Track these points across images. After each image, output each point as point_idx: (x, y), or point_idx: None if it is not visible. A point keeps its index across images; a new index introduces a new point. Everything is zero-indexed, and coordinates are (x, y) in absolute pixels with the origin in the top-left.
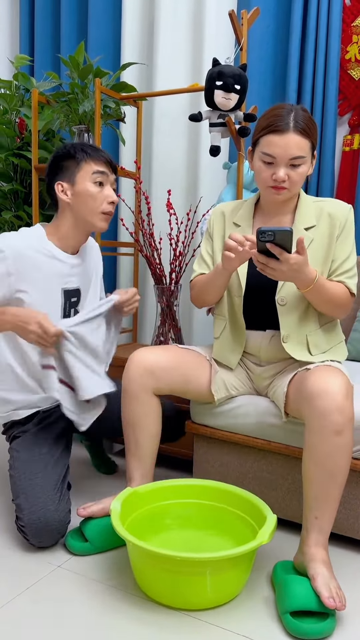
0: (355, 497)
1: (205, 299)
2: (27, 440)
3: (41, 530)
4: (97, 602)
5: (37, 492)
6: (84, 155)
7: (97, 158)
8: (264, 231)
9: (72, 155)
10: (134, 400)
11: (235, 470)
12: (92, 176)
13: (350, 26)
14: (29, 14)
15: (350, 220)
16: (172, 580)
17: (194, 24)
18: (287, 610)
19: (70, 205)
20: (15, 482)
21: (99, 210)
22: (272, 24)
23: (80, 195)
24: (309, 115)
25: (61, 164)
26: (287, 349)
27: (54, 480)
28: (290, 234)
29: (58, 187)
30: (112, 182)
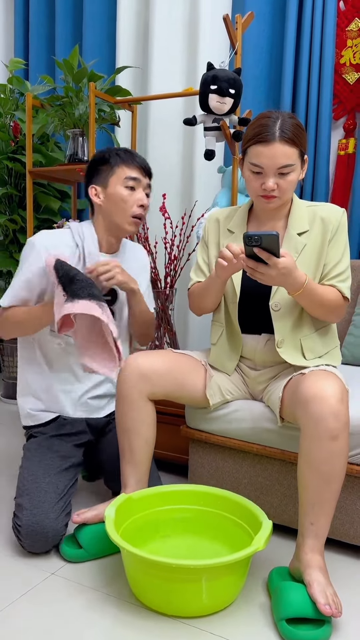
0: (352, 503)
1: (203, 306)
2: (42, 441)
3: (37, 535)
4: (91, 610)
5: (41, 497)
6: (118, 159)
7: (130, 163)
8: (251, 236)
9: (107, 160)
10: (129, 406)
11: (230, 476)
12: (124, 181)
13: (345, 31)
14: (24, 18)
15: (343, 224)
16: (166, 587)
17: (189, 28)
18: (282, 617)
19: (102, 207)
20: (22, 481)
21: (128, 214)
22: (267, 28)
23: (111, 198)
24: (297, 122)
25: (97, 169)
26: (282, 354)
27: (60, 490)
28: (276, 238)
29: (92, 191)
30: (144, 186)
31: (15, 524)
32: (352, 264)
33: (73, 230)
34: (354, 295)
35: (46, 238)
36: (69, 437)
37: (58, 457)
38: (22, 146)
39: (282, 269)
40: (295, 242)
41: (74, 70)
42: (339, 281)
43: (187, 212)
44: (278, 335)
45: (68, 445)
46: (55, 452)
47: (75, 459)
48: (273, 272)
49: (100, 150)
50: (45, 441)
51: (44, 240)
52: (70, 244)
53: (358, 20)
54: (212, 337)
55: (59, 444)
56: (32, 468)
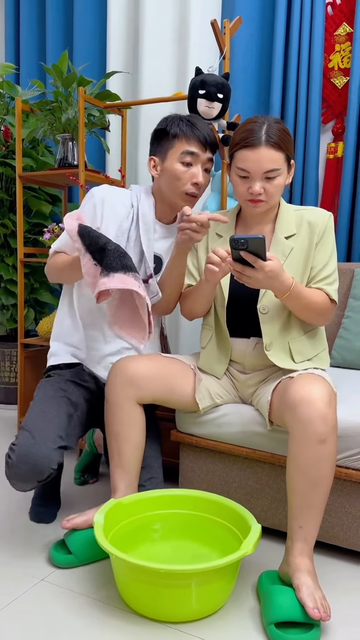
0: (341, 505)
1: (193, 311)
2: (58, 381)
3: (28, 457)
4: (81, 616)
5: (45, 425)
6: (177, 131)
7: (190, 136)
8: (237, 239)
9: (167, 131)
10: (117, 410)
11: (220, 479)
12: (181, 155)
13: (333, 35)
14: (14, 22)
15: (330, 227)
16: (155, 592)
17: (179, 33)
18: (271, 621)
19: (158, 180)
20: (29, 412)
21: (181, 190)
22: (255, 33)
23: (166, 173)
24: (283, 127)
25: (159, 138)
26: (270, 357)
27: (64, 426)
28: (262, 241)
29: (150, 162)
30: (204, 161)
31: (11, 445)
32: (340, 267)
33: (132, 191)
34: (342, 298)
35: (106, 191)
36: (82, 388)
37: (68, 400)
38: (13, 150)
39: (269, 272)
40: (283, 246)
41: (63, 75)
42: (327, 284)
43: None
44: (266, 338)
45: (79, 395)
46: (68, 394)
47: (81, 413)
48: (260, 275)
49: (165, 117)
50: (61, 382)
51: (103, 192)
52: (126, 203)
53: (346, 25)
54: (202, 341)
55: (72, 390)
56: (42, 400)
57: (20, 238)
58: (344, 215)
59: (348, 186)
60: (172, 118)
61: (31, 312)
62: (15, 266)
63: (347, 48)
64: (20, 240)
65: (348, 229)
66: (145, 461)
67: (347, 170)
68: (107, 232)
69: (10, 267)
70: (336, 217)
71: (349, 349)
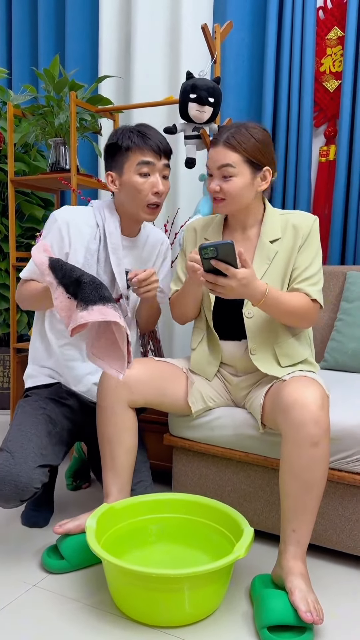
0: (333, 508)
1: (183, 315)
2: (36, 399)
3: (9, 476)
4: (73, 622)
5: (24, 443)
6: (130, 143)
7: (143, 147)
8: (206, 247)
9: (119, 145)
10: (109, 413)
11: (214, 483)
12: (137, 167)
13: (324, 39)
14: (6, 27)
15: (314, 230)
16: (147, 597)
17: (171, 38)
18: (264, 625)
19: (117, 195)
20: (10, 429)
21: (143, 203)
22: (247, 37)
23: (125, 187)
24: (252, 134)
25: (112, 153)
26: (255, 361)
27: (43, 445)
28: (232, 246)
29: (108, 178)
30: (160, 169)
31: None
32: (333, 270)
33: (95, 209)
34: (335, 301)
35: (69, 213)
36: (62, 406)
37: (48, 417)
38: (5, 155)
39: (242, 279)
40: (268, 250)
41: (55, 80)
42: (309, 284)
43: (169, 220)
44: (251, 342)
45: (59, 412)
46: (46, 411)
47: (61, 429)
48: (233, 283)
49: (115, 130)
50: (39, 400)
51: (66, 215)
52: (91, 223)
53: (337, 29)
54: (193, 343)
55: (52, 408)
56: (20, 419)
57: (13, 242)
58: (337, 218)
59: (341, 189)
60: (122, 131)
61: (24, 316)
62: (8, 271)
63: (338, 52)
64: (12, 244)
65: (341, 232)
66: None
67: (340, 174)
68: (75, 255)
69: (3, 272)
70: (329, 220)
71: (341, 352)
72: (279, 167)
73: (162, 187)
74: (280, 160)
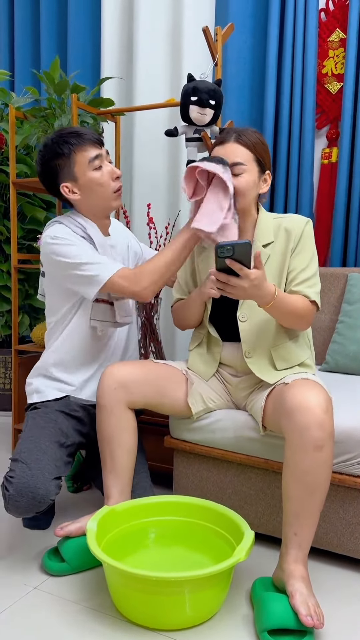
0: (334, 511)
1: (186, 323)
2: (47, 412)
3: (27, 489)
4: (74, 624)
5: (39, 455)
6: (70, 147)
7: (84, 144)
8: (223, 246)
9: (60, 153)
10: (108, 415)
11: (214, 485)
12: (89, 165)
13: (327, 41)
14: (9, 29)
15: (307, 232)
16: (148, 600)
17: (173, 40)
18: (264, 628)
19: (81, 200)
20: (21, 443)
21: (110, 192)
22: (249, 39)
23: (86, 188)
24: (257, 135)
25: (53, 165)
26: (250, 365)
27: (57, 457)
28: (249, 246)
29: (64, 190)
30: (105, 156)
31: (7, 477)
32: (334, 272)
33: (69, 226)
34: (336, 303)
35: (64, 231)
36: (71, 418)
37: (59, 430)
38: (7, 157)
39: (254, 279)
40: (261, 254)
41: (55, 82)
42: (307, 287)
43: (171, 222)
44: (245, 345)
45: (69, 425)
46: (57, 424)
47: (72, 442)
48: (245, 283)
49: (44, 145)
50: (49, 413)
51: (58, 234)
52: (75, 235)
53: (339, 31)
54: (190, 345)
55: (62, 420)
56: (33, 431)
57: (14, 244)
58: (339, 220)
59: (343, 191)
60: (51, 144)
61: (26, 318)
62: (9, 272)
63: (340, 54)
64: (14, 246)
65: (343, 234)
66: None
67: (342, 176)
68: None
69: (5, 274)
70: (331, 222)
71: (343, 354)
72: (281, 169)
73: (118, 170)
74: (282, 163)
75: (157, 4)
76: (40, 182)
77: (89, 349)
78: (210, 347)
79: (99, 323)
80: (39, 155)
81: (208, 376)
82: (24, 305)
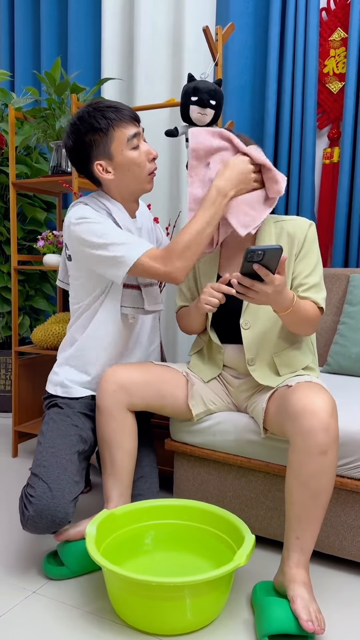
0: (336, 515)
1: (191, 330)
2: (69, 414)
3: (48, 510)
4: (73, 629)
5: (59, 473)
6: (109, 122)
7: (123, 120)
8: (254, 250)
9: (98, 128)
10: (108, 417)
11: (215, 489)
12: (128, 144)
13: (328, 40)
14: (9, 30)
15: (310, 236)
16: (147, 605)
17: (173, 40)
18: (265, 633)
19: (114, 181)
20: (40, 452)
21: (145, 174)
22: (250, 39)
23: (122, 168)
24: (252, 140)
25: (88, 140)
26: (252, 372)
27: (76, 468)
28: (280, 252)
29: (98, 168)
30: (142, 135)
31: (27, 494)
32: (336, 272)
33: (92, 206)
34: (338, 304)
35: (90, 211)
36: (93, 421)
37: (79, 437)
38: (7, 158)
39: (278, 285)
40: None
41: (56, 83)
42: (315, 292)
43: (171, 223)
44: (248, 353)
45: (89, 428)
46: (78, 430)
47: (90, 446)
48: (269, 289)
49: (78, 116)
50: (71, 415)
51: (87, 213)
52: (101, 215)
53: (340, 30)
54: (192, 349)
55: (82, 424)
56: (53, 439)
57: (14, 245)
58: (340, 220)
59: (345, 191)
60: (87, 117)
61: (26, 319)
62: (9, 273)
63: (342, 53)
64: (14, 247)
65: (345, 235)
66: (143, 470)
67: (344, 176)
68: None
69: (5, 274)
70: (333, 222)
71: (345, 356)
72: (282, 169)
73: (154, 151)
74: (283, 163)
75: (158, 3)
76: (69, 158)
77: (119, 337)
78: (212, 353)
79: (130, 310)
80: (72, 128)
81: (207, 378)
82: (24, 306)
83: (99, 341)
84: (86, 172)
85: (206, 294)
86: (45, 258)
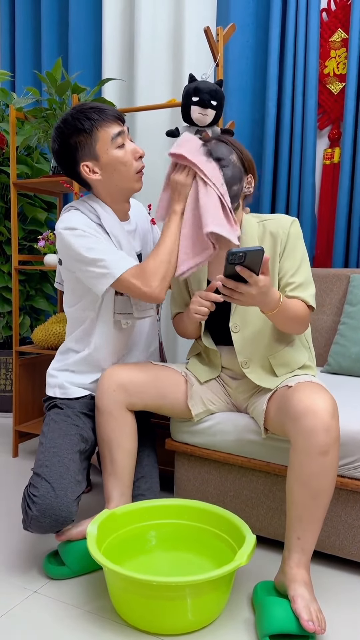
0: (336, 514)
1: (188, 336)
2: (69, 414)
3: (51, 510)
4: (74, 628)
5: (62, 472)
6: (93, 123)
7: (106, 120)
8: (235, 252)
9: (82, 129)
10: (108, 417)
11: (216, 489)
12: (112, 143)
13: (328, 41)
14: (10, 30)
15: (293, 232)
16: (148, 604)
17: (174, 40)
18: (266, 633)
19: (102, 181)
20: (43, 452)
21: (132, 173)
22: (250, 39)
23: (108, 168)
24: (238, 145)
25: (73, 142)
26: (248, 374)
27: (78, 467)
28: (262, 253)
29: (84, 170)
30: (127, 133)
31: (29, 494)
32: (336, 272)
33: (82, 210)
34: (338, 304)
35: (71, 222)
36: (92, 419)
37: (80, 436)
38: (8, 158)
39: (263, 287)
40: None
41: (57, 83)
42: (302, 291)
43: None
44: (240, 356)
45: (89, 426)
46: (79, 429)
47: (90, 445)
48: (254, 290)
49: (62, 120)
50: (72, 415)
51: (72, 224)
52: (91, 224)
53: (341, 31)
54: (190, 353)
55: (83, 423)
56: (55, 439)
57: (15, 245)
58: (341, 221)
59: (345, 192)
60: (71, 119)
61: (27, 319)
62: (10, 273)
63: (342, 54)
64: (14, 247)
65: (345, 235)
66: (144, 470)
67: (344, 176)
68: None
69: (6, 275)
70: (333, 222)
71: (345, 356)
72: (282, 170)
73: (140, 149)
74: (284, 163)
75: (158, 4)
76: (57, 162)
77: (116, 342)
78: (209, 357)
79: (121, 316)
80: (57, 132)
81: (203, 378)
82: (24, 306)
83: (101, 350)
84: (74, 174)
85: (195, 304)
86: (45, 258)
